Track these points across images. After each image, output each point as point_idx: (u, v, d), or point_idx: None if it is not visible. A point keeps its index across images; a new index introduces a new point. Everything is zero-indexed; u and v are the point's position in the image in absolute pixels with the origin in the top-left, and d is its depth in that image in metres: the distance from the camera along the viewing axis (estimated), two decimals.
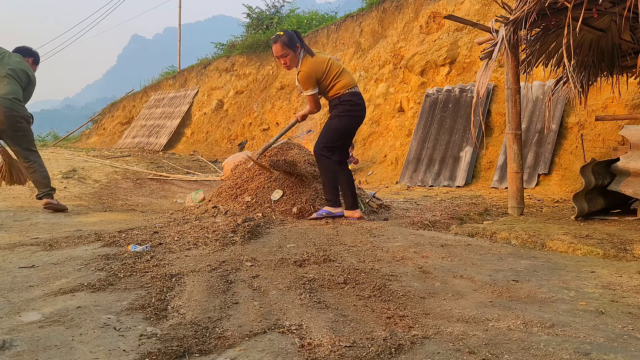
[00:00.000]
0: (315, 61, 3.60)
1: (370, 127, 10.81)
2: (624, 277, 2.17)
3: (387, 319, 1.64)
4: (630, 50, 4.72)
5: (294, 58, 3.59)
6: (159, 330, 1.53)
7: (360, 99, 3.70)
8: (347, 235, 3.10)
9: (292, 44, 3.56)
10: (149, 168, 9.10)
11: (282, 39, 3.55)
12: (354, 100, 3.65)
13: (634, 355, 1.33)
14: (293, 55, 3.58)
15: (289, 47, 3.55)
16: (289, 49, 3.55)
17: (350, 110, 3.64)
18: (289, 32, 3.60)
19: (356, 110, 3.68)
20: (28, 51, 4.73)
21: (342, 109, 3.63)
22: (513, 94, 4.20)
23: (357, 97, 3.67)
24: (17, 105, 4.29)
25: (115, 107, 21.94)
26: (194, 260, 2.47)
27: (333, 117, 3.68)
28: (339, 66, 3.68)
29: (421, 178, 8.31)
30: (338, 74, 3.63)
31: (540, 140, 7.25)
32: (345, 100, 3.62)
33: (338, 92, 3.63)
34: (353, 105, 3.64)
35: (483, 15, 9.12)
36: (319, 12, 16.51)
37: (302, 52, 3.61)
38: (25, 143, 4.40)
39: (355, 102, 3.65)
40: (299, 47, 3.60)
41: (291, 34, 3.61)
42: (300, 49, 3.60)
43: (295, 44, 3.57)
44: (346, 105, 3.62)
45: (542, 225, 3.48)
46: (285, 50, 3.55)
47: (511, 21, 3.87)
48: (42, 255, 2.61)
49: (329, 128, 3.68)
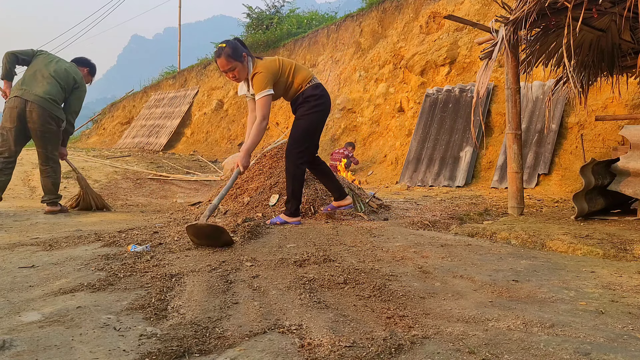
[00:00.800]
0: (267, 61, 3.39)
1: (370, 127, 10.82)
2: (624, 277, 2.17)
3: (387, 319, 1.64)
4: (630, 50, 4.72)
5: (242, 69, 3.32)
6: (159, 330, 1.53)
7: (323, 91, 3.53)
8: (347, 235, 3.10)
9: (238, 55, 3.28)
10: (149, 168, 9.10)
11: (226, 52, 3.24)
12: (318, 93, 3.48)
13: (634, 355, 1.33)
14: (241, 67, 3.31)
15: (234, 59, 3.26)
16: (235, 60, 3.27)
17: (316, 106, 3.47)
18: (231, 43, 3.32)
19: (322, 104, 3.51)
20: (85, 61, 4.83)
21: (308, 107, 3.46)
22: (513, 94, 4.20)
23: (319, 89, 3.50)
24: (51, 105, 4.33)
25: (115, 107, 21.95)
26: (194, 260, 2.47)
27: (299, 118, 3.51)
28: (291, 62, 3.50)
29: (421, 178, 8.31)
30: (293, 69, 3.46)
31: (540, 140, 7.26)
32: (309, 96, 3.45)
33: (300, 87, 3.46)
34: (317, 99, 3.47)
35: (483, 15, 9.12)
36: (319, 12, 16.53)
37: (249, 60, 3.37)
38: (51, 147, 4.45)
39: (319, 95, 3.48)
40: (245, 56, 3.33)
41: (234, 43, 3.32)
42: (246, 57, 3.34)
43: (241, 53, 3.30)
44: (311, 102, 3.46)
45: (542, 225, 3.48)
46: (232, 63, 3.27)
47: (511, 21, 3.87)
48: (42, 255, 2.61)
49: (297, 130, 3.50)
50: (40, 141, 4.37)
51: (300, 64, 3.63)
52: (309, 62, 13.88)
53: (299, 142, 3.50)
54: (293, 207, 3.51)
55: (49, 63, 4.45)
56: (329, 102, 3.60)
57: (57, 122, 4.42)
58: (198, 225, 2.76)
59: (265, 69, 3.32)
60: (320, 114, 3.54)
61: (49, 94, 4.31)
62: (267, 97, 3.29)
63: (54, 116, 4.37)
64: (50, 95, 4.32)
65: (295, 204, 3.51)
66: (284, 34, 15.26)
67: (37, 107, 4.25)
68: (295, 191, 3.50)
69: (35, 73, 4.38)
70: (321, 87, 3.53)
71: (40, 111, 4.26)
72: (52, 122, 4.36)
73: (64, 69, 4.47)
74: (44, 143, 4.38)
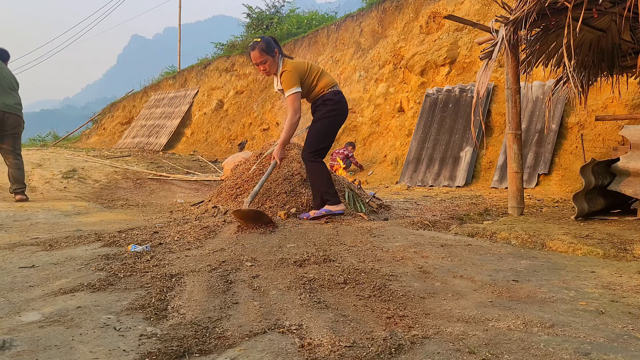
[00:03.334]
0: (296, 62, 3.63)
1: (370, 127, 10.82)
2: (624, 277, 2.17)
3: (387, 319, 1.64)
4: (630, 50, 4.72)
5: (272, 63, 3.57)
6: (159, 330, 1.53)
7: (342, 97, 3.72)
8: (347, 235, 3.10)
9: (270, 50, 3.54)
10: (149, 168, 9.10)
11: (260, 45, 3.53)
12: (336, 98, 3.66)
13: (634, 355, 1.33)
14: (272, 61, 3.56)
15: (267, 53, 3.53)
16: (267, 54, 3.53)
17: (333, 110, 3.66)
18: (266, 38, 3.59)
19: (339, 109, 3.70)
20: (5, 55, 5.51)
21: (326, 110, 3.65)
22: (513, 94, 4.20)
23: (339, 95, 3.70)
24: (20, 112, 5.31)
25: (115, 107, 21.95)
26: (194, 260, 2.47)
27: (317, 120, 3.69)
28: (319, 67, 3.72)
29: (421, 178, 8.31)
30: (319, 74, 3.66)
31: (540, 140, 7.26)
32: (328, 99, 3.64)
33: (322, 91, 3.65)
34: (336, 104, 3.66)
35: (483, 15, 9.12)
36: (319, 12, 16.53)
37: (280, 57, 3.61)
38: (18, 145, 5.37)
39: (338, 100, 3.67)
40: (276, 52, 3.58)
41: (268, 39, 3.59)
42: (278, 54, 3.59)
43: (273, 49, 3.56)
44: (329, 106, 3.64)
45: (542, 225, 3.48)
46: (264, 57, 3.53)
47: (511, 21, 3.87)
48: (42, 255, 2.61)
49: (314, 132, 3.68)
50: (12, 140, 5.28)
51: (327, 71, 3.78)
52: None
53: (315, 142, 3.66)
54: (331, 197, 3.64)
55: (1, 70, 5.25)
56: (346, 108, 3.79)
57: (23, 123, 5.40)
58: (242, 211, 3.29)
59: (294, 68, 3.55)
60: (338, 117, 3.72)
61: (18, 102, 5.27)
62: (296, 94, 3.54)
63: (23, 120, 5.38)
64: (18, 103, 5.29)
65: (329, 195, 3.65)
66: (284, 34, 15.26)
67: (13, 116, 5.21)
68: (323, 186, 3.66)
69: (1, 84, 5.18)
70: (340, 94, 3.73)
71: (17, 118, 5.25)
72: (22, 125, 5.35)
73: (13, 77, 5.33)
74: (14, 142, 5.30)
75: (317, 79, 3.65)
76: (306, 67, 3.63)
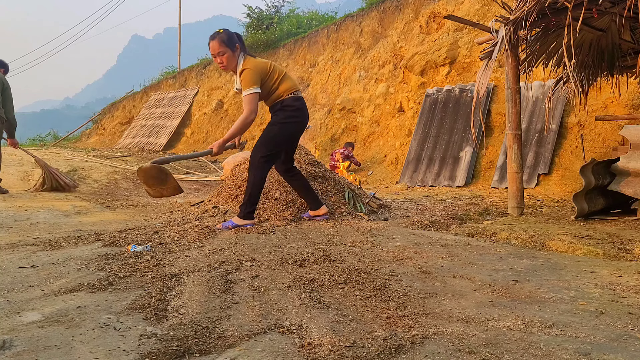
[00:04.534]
0: (258, 61, 3.41)
1: (370, 127, 10.82)
2: (624, 277, 2.17)
3: (387, 319, 1.64)
4: (630, 50, 4.72)
5: (231, 57, 3.35)
6: (159, 330, 1.53)
7: (303, 104, 3.52)
8: (347, 235, 3.10)
9: (231, 43, 3.34)
10: None
11: (221, 36, 3.34)
12: (297, 105, 3.46)
13: (634, 355, 1.33)
14: (231, 54, 3.34)
15: (226, 45, 3.33)
16: (227, 47, 3.33)
17: (293, 117, 3.45)
18: (229, 32, 3.40)
19: (299, 116, 3.49)
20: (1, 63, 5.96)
21: (284, 115, 3.44)
22: (513, 94, 4.20)
23: (300, 102, 3.49)
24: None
25: (115, 107, 21.95)
26: (194, 260, 2.47)
27: (274, 124, 3.45)
28: (282, 70, 3.51)
29: (421, 178, 8.31)
30: (281, 76, 3.46)
31: (540, 140, 7.26)
32: (287, 105, 3.43)
33: (281, 96, 3.44)
34: (295, 111, 3.45)
35: (483, 15, 9.12)
36: (319, 12, 16.53)
37: (241, 54, 3.40)
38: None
39: (298, 107, 3.47)
40: (238, 47, 3.38)
41: (231, 33, 3.40)
42: (239, 50, 3.39)
43: (235, 44, 3.36)
44: (288, 111, 3.43)
45: (542, 225, 3.48)
46: (223, 48, 3.32)
47: (511, 21, 3.87)
48: (42, 255, 2.61)
49: (268, 136, 3.44)
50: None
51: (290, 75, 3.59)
52: (308, 62, 13.88)
53: (266, 147, 3.43)
54: (247, 210, 3.42)
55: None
56: (306, 116, 3.57)
57: None
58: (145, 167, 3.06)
59: (256, 67, 3.34)
60: (297, 125, 3.51)
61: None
62: (254, 94, 3.31)
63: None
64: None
65: (250, 207, 3.43)
66: (284, 34, 15.26)
67: None
68: (252, 195, 3.42)
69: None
70: (302, 101, 3.52)
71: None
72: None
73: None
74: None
75: (279, 81, 3.44)
76: (268, 68, 3.41)
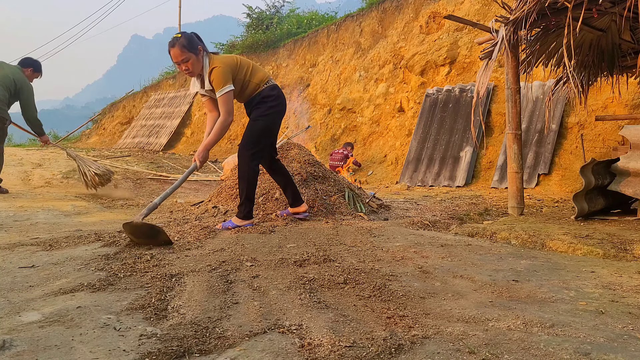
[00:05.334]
0: (224, 57, 3.31)
1: (370, 127, 10.82)
2: (624, 277, 2.17)
3: (387, 319, 1.64)
4: (630, 50, 4.72)
5: (196, 62, 3.19)
6: (159, 330, 1.53)
7: (279, 92, 3.46)
8: (347, 235, 3.10)
9: (193, 47, 3.17)
10: (149, 168, 9.10)
11: (181, 42, 3.13)
12: (275, 94, 3.40)
13: (634, 355, 1.33)
14: (195, 59, 3.18)
15: (189, 50, 3.14)
16: (189, 52, 3.15)
17: (273, 107, 3.39)
18: (187, 34, 3.22)
19: (279, 105, 3.44)
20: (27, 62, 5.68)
21: (265, 107, 3.37)
22: (513, 94, 4.20)
23: (276, 90, 3.43)
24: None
25: (115, 107, 21.95)
26: (194, 260, 2.47)
27: (256, 119, 3.38)
28: (249, 62, 3.42)
29: (421, 178, 8.31)
30: (251, 68, 3.38)
31: (540, 140, 7.26)
32: (266, 96, 3.36)
33: (258, 87, 3.36)
34: (274, 100, 3.39)
35: (483, 15, 9.12)
36: (319, 12, 16.51)
37: (205, 54, 3.26)
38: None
39: (277, 96, 3.42)
40: (200, 49, 3.21)
41: (190, 35, 3.22)
42: (202, 51, 3.23)
43: (197, 46, 3.19)
44: (268, 102, 3.37)
45: (542, 225, 3.48)
46: (186, 54, 3.14)
47: (511, 21, 3.87)
48: (42, 255, 2.61)
49: (254, 131, 3.36)
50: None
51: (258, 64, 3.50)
52: (308, 62, 13.88)
53: (255, 143, 3.37)
54: (246, 210, 3.39)
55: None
56: (284, 103, 3.53)
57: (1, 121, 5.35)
58: (133, 224, 2.76)
59: (223, 63, 3.22)
60: (277, 114, 3.46)
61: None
62: (229, 93, 3.20)
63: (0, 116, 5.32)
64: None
65: (248, 206, 3.40)
66: (284, 34, 15.26)
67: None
68: (249, 194, 3.38)
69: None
70: (278, 89, 3.47)
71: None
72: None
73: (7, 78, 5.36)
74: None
75: (250, 73, 3.34)
76: (236, 61, 3.31)
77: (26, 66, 5.63)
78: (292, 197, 3.66)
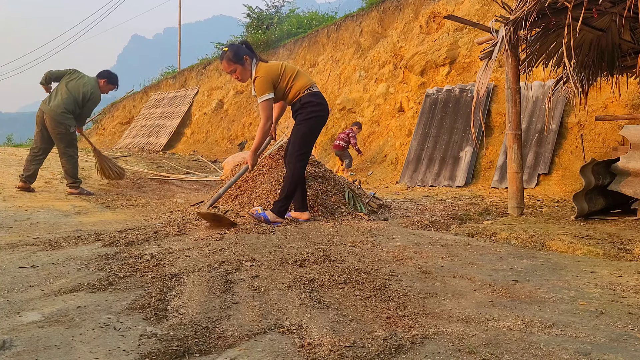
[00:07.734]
0: (269, 66, 3.58)
1: (370, 127, 10.82)
2: (624, 277, 2.17)
3: (387, 319, 1.64)
4: (630, 50, 4.72)
5: (243, 71, 3.56)
6: (159, 330, 1.53)
7: (321, 98, 3.66)
8: (347, 235, 3.10)
9: (238, 58, 3.52)
10: (149, 168, 9.10)
11: (227, 56, 3.53)
12: (315, 100, 3.60)
13: (634, 355, 1.33)
14: (241, 69, 3.55)
15: (234, 62, 3.53)
16: (235, 63, 3.53)
17: (313, 112, 3.59)
18: (233, 46, 3.57)
19: (320, 110, 3.63)
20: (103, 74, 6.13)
21: (306, 113, 3.58)
22: (513, 94, 4.20)
23: (317, 97, 3.63)
24: (60, 116, 5.61)
25: (115, 107, 21.94)
26: (194, 260, 2.47)
27: (299, 123, 3.62)
28: (294, 69, 3.65)
29: (421, 178, 8.31)
30: (294, 76, 3.60)
31: (540, 140, 7.25)
32: (306, 102, 3.58)
33: (298, 94, 3.59)
34: (315, 106, 3.59)
35: (483, 15, 9.12)
36: (319, 12, 16.52)
37: (253, 62, 3.58)
38: (63, 144, 5.79)
39: (317, 102, 3.61)
40: (247, 58, 3.55)
41: (237, 47, 3.57)
42: (248, 59, 3.56)
43: (242, 56, 3.53)
44: (308, 108, 3.58)
45: (542, 225, 3.48)
46: (232, 66, 3.54)
47: (511, 21, 3.87)
48: (42, 255, 2.61)
49: (298, 135, 3.61)
50: (55, 141, 5.78)
51: (303, 71, 3.73)
52: (308, 62, 13.87)
53: (299, 146, 3.60)
54: (282, 208, 3.56)
55: (69, 81, 5.78)
56: (326, 109, 3.71)
57: (66, 127, 5.68)
58: (203, 213, 3.42)
59: (266, 73, 3.51)
60: (319, 119, 3.66)
61: (59, 106, 5.62)
62: (268, 101, 3.51)
63: (63, 123, 5.64)
64: (60, 107, 5.61)
65: (285, 204, 3.58)
66: (284, 34, 15.26)
67: (49, 117, 5.62)
68: (290, 193, 3.58)
69: (56, 90, 5.77)
70: (319, 95, 3.66)
71: (51, 120, 5.62)
72: (60, 127, 5.66)
73: (79, 85, 5.75)
74: (58, 142, 5.78)
75: (292, 81, 3.58)
76: (279, 71, 3.57)
77: (101, 77, 6.06)
78: (298, 203, 3.74)
